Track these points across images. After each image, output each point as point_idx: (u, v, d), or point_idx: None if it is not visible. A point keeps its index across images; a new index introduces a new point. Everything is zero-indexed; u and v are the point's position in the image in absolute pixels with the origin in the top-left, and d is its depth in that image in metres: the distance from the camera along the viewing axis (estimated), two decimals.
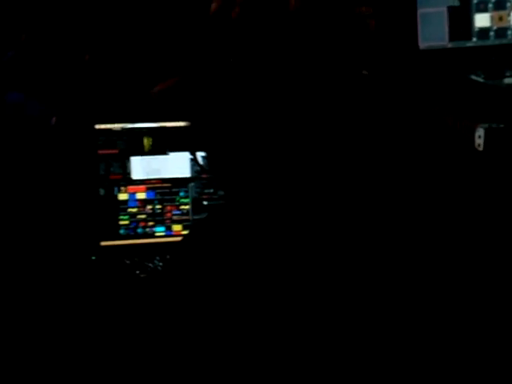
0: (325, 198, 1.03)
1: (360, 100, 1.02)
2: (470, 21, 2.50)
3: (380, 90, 1.06)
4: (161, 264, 2.43)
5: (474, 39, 2.50)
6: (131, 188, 2.59)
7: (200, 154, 1.22)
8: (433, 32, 2.51)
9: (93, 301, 2.22)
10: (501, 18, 2.46)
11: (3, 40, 2.47)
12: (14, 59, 2.45)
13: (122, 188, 2.57)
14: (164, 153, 2.61)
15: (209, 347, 1.03)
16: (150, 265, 2.43)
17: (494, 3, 2.48)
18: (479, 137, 2.01)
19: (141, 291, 2.22)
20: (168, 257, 1.99)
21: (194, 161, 1.22)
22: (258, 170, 1.11)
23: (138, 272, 2.39)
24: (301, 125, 1.05)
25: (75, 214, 2.49)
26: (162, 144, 2.59)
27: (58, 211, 2.44)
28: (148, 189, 2.60)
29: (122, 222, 2.58)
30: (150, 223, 2.59)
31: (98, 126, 2.58)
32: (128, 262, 2.46)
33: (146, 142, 2.61)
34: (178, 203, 2.63)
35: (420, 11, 2.51)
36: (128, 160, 2.59)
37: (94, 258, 2.46)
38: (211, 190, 2.64)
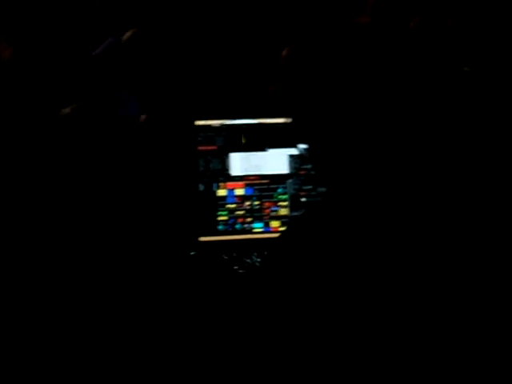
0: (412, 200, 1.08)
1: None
2: None
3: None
4: (258, 260, 2.39)
5: None
6: (230, 184, 2.55)
7: (300, 149, 1.23)
8: None
9: (192, 295, 2.19)
10: None
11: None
12: (112, 47, 2.41)
13: (221, 184, 2.54)
14: (263, 149, 2.57)
15: (312, 344, 1.04)
16: (248, 260, 2.40)
17: None
18: None
19: (239, 286, 2.20)
20: (266, 253, 2.26)
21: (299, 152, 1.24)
22: (358, 166, 1.13)
23: (236, 267, 2.36)
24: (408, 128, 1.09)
25: (175, 210, 2.46)
26: (261, 140, 2.55)
27: (158, 207, 2.40)
28: (247, 185, 2.56)
29: (220, 218, 2.54)
30: (248, 219, 2.55)
31: (197, 123, 2.54)
32: (226, 257, 2.43)
33: (245, 138, 2.57)
34: (276, 199, 2.57)
35: None
36: (227, 156, 2.55)
37: (192, 253, 2.44)
38: (309, 187, 2.58)
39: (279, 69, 2.44)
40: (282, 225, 2.56)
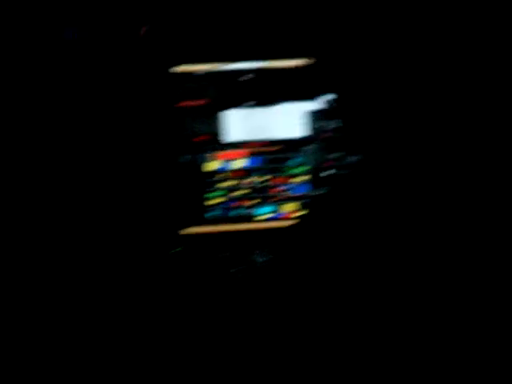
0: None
1: None
2: None
3: None
4: (265, 259, 2.03)
5: None
6: (224, 154, 2.09)
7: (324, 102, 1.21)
8: None
9: (175, 304, 1.96)
10: None
11: None
12: None
13: (212, 154, 2.08)
14: (270, 104, 2.07)
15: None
16: (250, 260, 2.04)
17: None
18: None
19: (236, 295, 1.93)
20: (276, 250, 1.89)
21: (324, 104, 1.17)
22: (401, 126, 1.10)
23: (232, 269, 2.02)
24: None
25: (150, 191, 2.07)
26: (268, 91, 2.07)
27: (128, 186, 2.06)
28: (248, 154, 2.09)
29: (210, 202, 2.09)
30: (250, 202, 2.09)
31: (176, 69, 2.07)
32: (220, 255, 2.06)
33: (246, 88, 2.07)
34: (288, 174, 2.09)
35: None
36: (219, 115, 2.08)
37: (175, 250, 2.07)
38: (336, 155, 2.05)
39: None
40: (298, 210, 2.09)
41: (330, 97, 1.19)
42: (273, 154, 2.08)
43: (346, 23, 1.11)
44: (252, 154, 2.08)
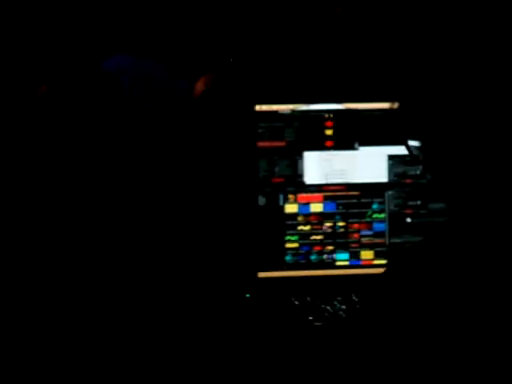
0: None
1: None
2: None
3: None
4: (343, 307, 1.99)
5: None
6: (303, 197, 2.06)
7: (409, 147, 1.11)
8: None
9: (247, 353, 1.88)
10: None
11: None
12: None
13: (291, 196, 2.05)
14: (351, 147, 2.06)
15: None
16: (329, 308, 1.99)
17: None
18: None
19: (315, 345, 1.85)
20: (355, 298, 1.99)
21: (407, 151, 1.11)
22: (494, 173, 1.05)
23: (310, 318, 1.94)
24: None
25: (225, 233, 2.08)
26: (350, 134, 2.07)
27: (202, 228, 2.07)
28: (327, 198, 2.06)
29: (288, 245, 2.05)
30: (329, 247, 2.07)
31: (258, 107, 2.05)
32: (296, 302, 2.02)
33: (327, 130, 2.06)
34: (369, 219, 2.07)
35: None
36: (300, 156, 2.06)
37: (248, 295, 2.05)
38: (418, 202, 2.06)
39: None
40: (377, 257, 2.07)
41: (415, 142, 1.10)
42: (354, 199, 2.05)
43: (434, 65, 1.04)
44: (331, 198, 2.05)
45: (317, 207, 2.04)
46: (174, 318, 1.94)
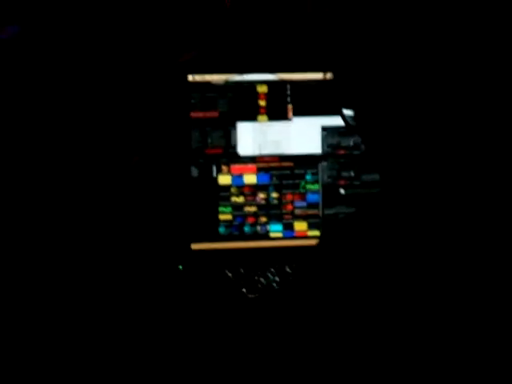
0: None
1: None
2: None
3: None
4: (277, 279, 1.99)
5: None
6: (237, 168, 2.04)
7: (346, 114, 1.08)
8: None
9: (180, 325, 1.87)
10: None
11: None
12: None
13: (224, 168, 2.04)
14: (285, 118, 2.05)
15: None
16: (262, 279, 1.99)
17: None
18: None
19: (248, 318, 1.84)
20: (289, 270, 2.01)
21: (342, 120, 1.08)
22: (427, 143, 1.03)
23: (244, 289, 1.95)
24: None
25: (157, 204, 2.03)
26: (283, 105, 2.05)
27: (133, 198, 2.02)
28: (260, 169, 2.05)
29: (222, 217, 2.04)
30: (263, 219, 2.05)
31: (191, 78, 2.03)
32: (230, 274, 2.01)
33: (261, 101, 2.04)
34: (303, 191, 2.06)
35: None
36: (233, 127, 2.05)
37: (181, 267, 2.02)
38: (352, 174, 2.06)
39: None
40: (311, 228, 2.06)
41: (349, 112, 1.07)
42: (287, 170, 2.04)
43: (370, 36, 1.02)
44: (265, 169, 2.03)
45: (250, 178, 2.03)
46: (106, 291, 1.91)
